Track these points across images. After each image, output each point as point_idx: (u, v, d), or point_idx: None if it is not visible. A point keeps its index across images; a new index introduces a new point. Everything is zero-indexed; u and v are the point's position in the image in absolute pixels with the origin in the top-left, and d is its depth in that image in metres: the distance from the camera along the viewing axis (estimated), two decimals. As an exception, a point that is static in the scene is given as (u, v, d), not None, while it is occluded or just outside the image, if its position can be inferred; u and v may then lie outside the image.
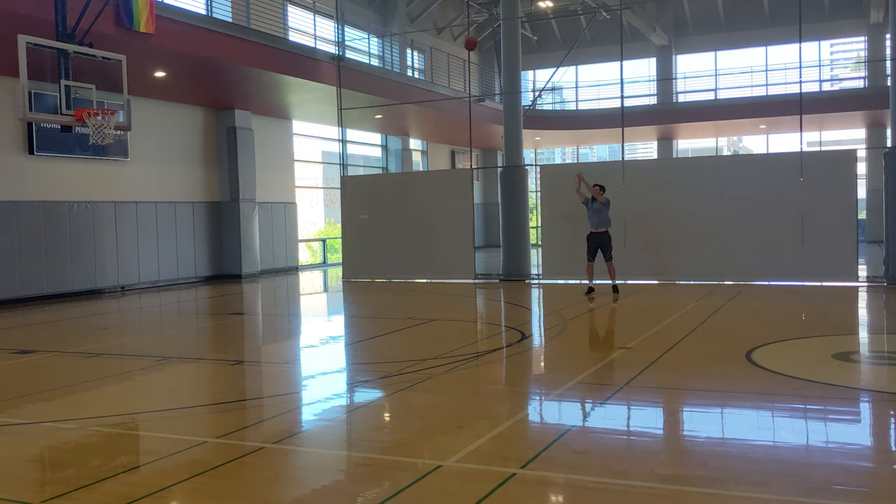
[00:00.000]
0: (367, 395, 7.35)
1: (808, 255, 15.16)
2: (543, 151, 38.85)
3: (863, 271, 15.75)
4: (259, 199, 20.63)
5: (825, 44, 30.03)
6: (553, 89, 32.30)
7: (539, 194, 17.92)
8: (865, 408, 6.48)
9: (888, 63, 19.85)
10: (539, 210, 18.07)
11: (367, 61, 23.36)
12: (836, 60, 32.55)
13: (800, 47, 17.27)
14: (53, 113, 11.83)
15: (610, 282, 14.75)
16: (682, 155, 33.02)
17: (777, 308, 12.77)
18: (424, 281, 18.11)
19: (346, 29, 22.92)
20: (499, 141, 21.36)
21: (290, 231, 22.25)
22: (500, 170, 18.76)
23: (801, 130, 16.68)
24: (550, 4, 28.07)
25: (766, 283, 15.62)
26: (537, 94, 28.25)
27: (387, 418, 6.52)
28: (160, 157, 18.29)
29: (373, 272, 18.70)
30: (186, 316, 13.97)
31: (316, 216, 26.95)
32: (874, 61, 27.57)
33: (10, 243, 14.79)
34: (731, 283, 15.72)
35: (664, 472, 4.75)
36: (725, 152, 36.39)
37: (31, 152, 15.27)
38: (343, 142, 23.59)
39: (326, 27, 21.95)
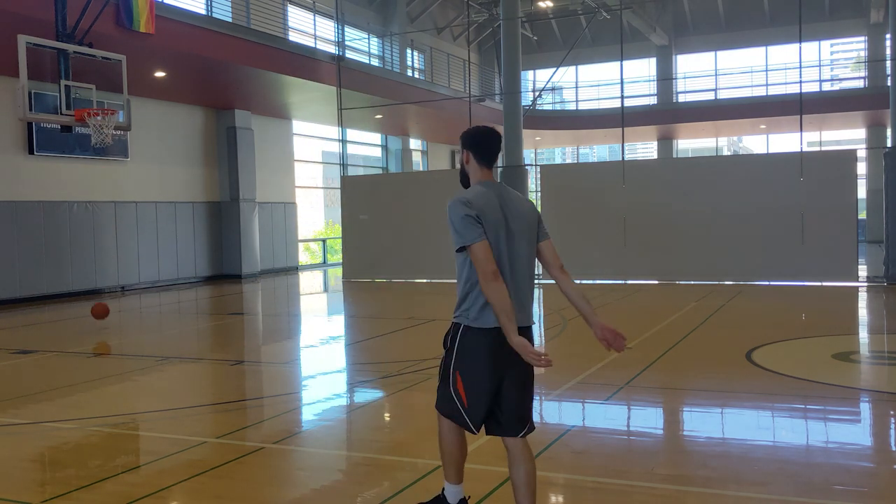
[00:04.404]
0: (367, 395, 7.35)
1: (808, 255, 15.15)
2: (543, 151, 38.84)
3: (863, 271, 15.75)
4: (259, 199, 20.63)
5: (825, 44, 30.02)
6: (553, 89, 32.29)
7: (539, 194, 17.92)
8: (865, 408, 6.48)
9: (888, 63, 19.85)
10: (539, 210, 18.05)
11: (367, 61, 23.35)
12: (836, 60, 32.53)
13: (800, 47, 17.27)
14: (53, 113, 11.82)
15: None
16: (682, 155, 33.01)
17: (777, 308, 12.77)
18: (424, 281, 18.10)
19: (346, 29, 22.91)
20: (499, 141, 21.32)
21: (290, 231, 22.24)
22: (499, 170, 18.76)
23: (801, 130, 16.67)
24: (550, 4, 28.06)
25: (766, 283, 15.61)
26: (537, 94, 28.24)
27: (387, 418, 6.52)
28: (160, 157, 18.29)
29: (373, 272, 18.70)
30: (186, 316, 13.97)
31: (316, 216, 26.94)
32: (874, 61, 27.55)
33: (10, 243, 14.78)
34: (731, 283, 15.72)
35: (664, 472, 4.76)
36: (725, 152, 36.38)
37: (31, 152, 15.27)
38: (343, 142, 23.60)
39: (326, 27, 21.94)
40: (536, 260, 3.90)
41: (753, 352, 8.35)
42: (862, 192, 25.54)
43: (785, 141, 32.25)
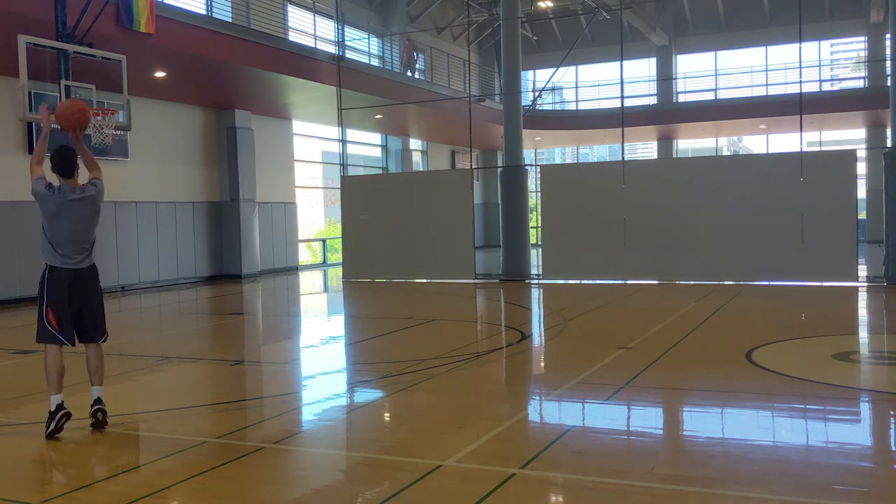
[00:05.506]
0: (367, 395, 7.36)
1: (808, 255, 15.15)
2: (543, 151, 38.84)
3: (863, 271, 15.74)
4: (259, 199, 20.62)
5: (825, 44, 30.02)
6: (553, 89, 32.29)
7: (539, 194, 17.92)
8: (865, 408, 6.48)
9: (888, 63, 19.85)
10: (539, 210, 18.07)
11: (367, 61, 23.35)
12: (836, 60, 32.54)
13: (800, 47, 17.27)
14: (53, 113, 11.80)
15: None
16: (682, 155, 33.01)
17: (777, 308, 12.76)
18: (424, 281, 18.11)
19: (346, 29, 22.91)
20: (499, 141, 21.36)
21: (290, 231, 22.24)
22: (500, 170, 18.76)
23: (801, 130, 16.67)
24: (550, 4, 28.06)
25: (766, 283, 15.61)
26: (537, 94, 28.24)
27: (387, 418, 6.52)
28: (160, 157, 18.29)
29: (373, 272, 18.70)
30: (186, 316, 13.97)
31: (316, 216, 26.94)
32: (874, 61, 27.56)
33: (10, 243, 14.78)
34: (731, 283, 15.71)
35: (664, 472, 4.75)
36: (725, 152, 36.38)
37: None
38: (343, 142, 23.60)
39: (326, 27, 21.95)
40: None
41: (753, 352, 8.34)
42: (862, 192, 25.54)
43: (785, 141, 32.26)
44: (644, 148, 37.12)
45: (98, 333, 5.96)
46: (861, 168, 25.91)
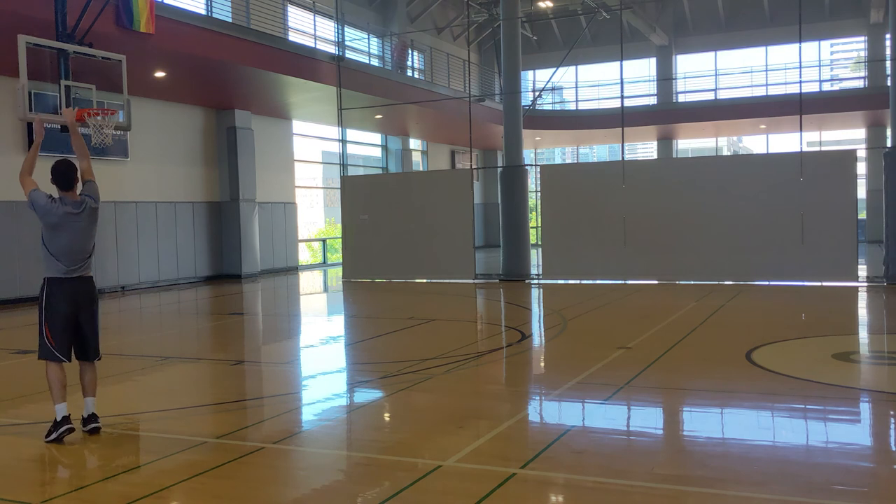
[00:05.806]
0: (367, 395, 7.36)
1: (808, 255, 15.15)
2: (543, 151, 38.84)
3: (863, 271, 15.75)
4: (259, 199, 20.62)
5: (825, 44, 30.02)
6: (553, 89, 32.29)
7: (539, 194, 17.92)
8: (865, 408, 6.48)
9: (888, 63, 19.84)
10: (539, 210, 18.08)
11: (367, 61, 23.35)
12: (836, 60, 32.53)
13: (800, 47, 17.27)
14: (53, 113, 11.81)
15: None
16: (682, 155, 33.00)
17: (777, 308, 12.76)
18: (424, 281, 18.11)
19: (346, 29, 22.91)
20: (499, 141, 21.37)
21: (290, 231, 22.25)
22: (500, 170, 18.76)
23: (801, 130, 16.67)
24: (550, 4, 28.06)
25: (766, 283, 15.61)
26: (537, 94, 28.24)
27: (387, 418, 6.52)
28: (160, 157, 18.29)
29: (373, 272, 18.70)
30: (186, 316, 13.97)
31: (316, 216, 26.94)
32: (874, 61, 27.56)
33: (10, 243, 14.78)
34: (731, 283, 15.72)
35: (664, 472, 4.76)
36: (725, 152, 36.38)
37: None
38: (343, 142, 23.59)
39: (326, 27, 21.95)
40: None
41: (753, 352, 8.35)
42: (862, 192, 25.54)
43: (785, 141, 32.26)
44: (644, 148, 37.10)
45: (94, 351, 5.93)
46: (861, 168, 25.92)
